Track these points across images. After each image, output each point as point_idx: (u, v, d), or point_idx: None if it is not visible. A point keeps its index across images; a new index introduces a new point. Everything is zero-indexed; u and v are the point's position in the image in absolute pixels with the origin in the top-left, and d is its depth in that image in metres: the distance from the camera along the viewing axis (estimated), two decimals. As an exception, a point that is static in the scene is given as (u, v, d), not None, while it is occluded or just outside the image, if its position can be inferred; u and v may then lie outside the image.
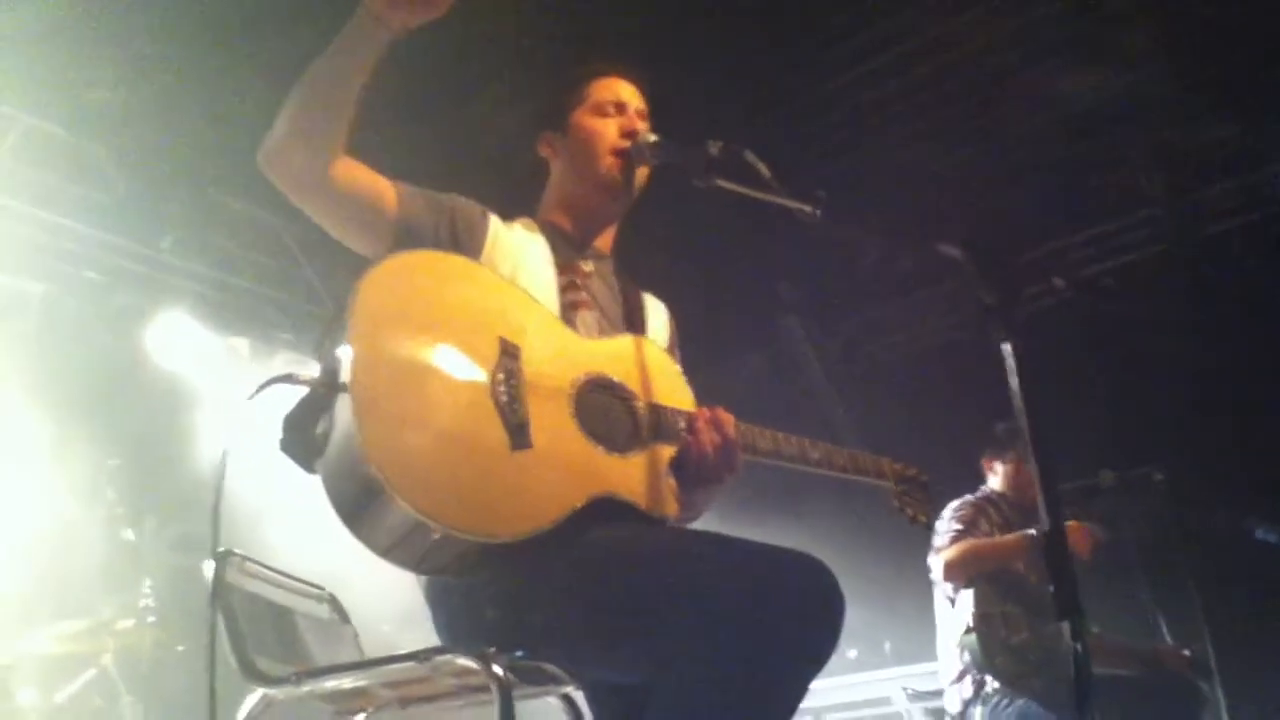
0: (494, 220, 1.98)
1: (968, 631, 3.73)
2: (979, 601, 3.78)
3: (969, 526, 3.99)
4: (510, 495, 1.66)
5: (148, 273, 5.18)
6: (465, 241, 1.90)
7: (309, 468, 1.65)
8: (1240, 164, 5.59)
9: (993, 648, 3.68)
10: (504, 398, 1.68)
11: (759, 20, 4.66)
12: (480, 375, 1.69)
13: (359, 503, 1.59)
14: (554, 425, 1.74)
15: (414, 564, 1.67)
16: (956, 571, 3.88)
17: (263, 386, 1.71)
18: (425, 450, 1.60)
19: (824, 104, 5.25)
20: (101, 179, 4.91)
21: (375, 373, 1.60)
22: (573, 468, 1.73)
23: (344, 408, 1.57)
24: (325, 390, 1.61)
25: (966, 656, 3.79)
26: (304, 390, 1.65)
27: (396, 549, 1.64)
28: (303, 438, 1.63)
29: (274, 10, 4.29)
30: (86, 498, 4.53)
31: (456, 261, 1.82)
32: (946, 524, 4.05)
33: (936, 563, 3.94)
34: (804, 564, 1.57)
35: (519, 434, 1.67)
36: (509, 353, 1.73)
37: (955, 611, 3.91)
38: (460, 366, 1.69)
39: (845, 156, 5.42)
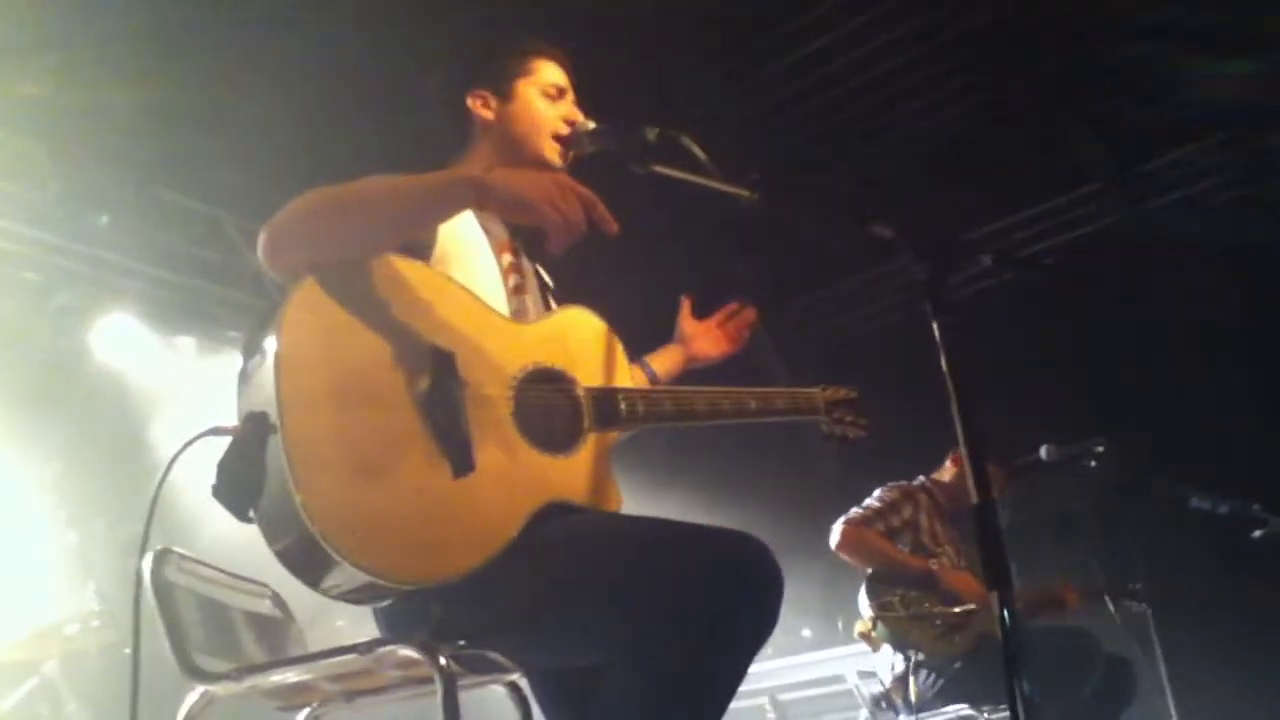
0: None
1: (874, 625, 3.86)
2: (872, 594, 3.91)
3: (885, 510, 4.06)
4: (458, 529, 1.64)
5: (87, 271, 5.06)
6: (419, 246, 1.85)
7: (243, 517, 1.61)
8: (1182, 138, 5.68)
9: (902, 627, 3.82)
10: (442, 420, 1.64)
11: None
12: (416, 399, 1.65)
13: (301, 556, 1.58)
14: (496, 437, 1.72)
15: (361, 603, 1.69)
16: (846, 549, 3.97)
17: (190, 442, 1.68)
18: (365, 500, 1.57)
19: (766, 86, 5.27)
20: (35, 176, 4.79)
21: (306, 416, 1.56)
22: (518, 480, 1.72)
23: (276, 455, 1.53)
24: (255, 438, 1.57)
25: (885, 644, 3.91)
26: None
27: (345, 598, 1.64)
28: (236, 486, 1.59)
29: (212, 5, 4.23)
30: (28, 502, 4.44)
31: (381, 266, 1.72)
32: (870, 498, 4.14)
33: (835, 528, 4.00)
34: (747, 540, 1.61)
35: (461, 458, 1.64)
36: (443, 365, 1.68)
37: (860, 605, 4.01)
38: (393, 395, 1.63)
39: (783, 139, 5.45)
